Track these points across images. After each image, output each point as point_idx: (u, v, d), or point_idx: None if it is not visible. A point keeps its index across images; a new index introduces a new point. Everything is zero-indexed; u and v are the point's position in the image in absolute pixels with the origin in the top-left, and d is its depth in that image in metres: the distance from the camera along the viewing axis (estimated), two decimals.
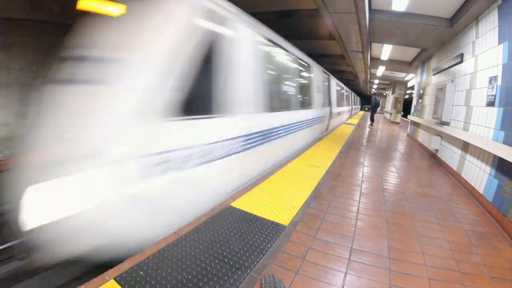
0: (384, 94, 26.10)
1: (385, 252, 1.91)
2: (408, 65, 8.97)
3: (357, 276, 1.64)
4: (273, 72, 3.94)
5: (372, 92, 12.60)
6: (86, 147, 1.65)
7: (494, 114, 3.02)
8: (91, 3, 2.18)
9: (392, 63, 9.57)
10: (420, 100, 7.92)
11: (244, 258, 1.69)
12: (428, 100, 6.79)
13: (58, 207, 1.58)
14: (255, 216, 2.26)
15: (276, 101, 3.89)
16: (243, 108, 2.84)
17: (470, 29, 4.15)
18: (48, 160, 1.68)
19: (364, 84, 17.39)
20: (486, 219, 2.69)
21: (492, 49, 3.25)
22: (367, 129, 10.92)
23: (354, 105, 20.98)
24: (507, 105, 2.77)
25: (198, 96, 2.23)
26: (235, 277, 1.52)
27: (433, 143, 5.30)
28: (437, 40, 5.58)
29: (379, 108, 16.56)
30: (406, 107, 15.10)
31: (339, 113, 10.27)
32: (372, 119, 12.33)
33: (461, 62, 4.43)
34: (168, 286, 1.41)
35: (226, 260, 1.66)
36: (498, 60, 3.04)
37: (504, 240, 2.28)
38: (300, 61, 5.31)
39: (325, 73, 7.63)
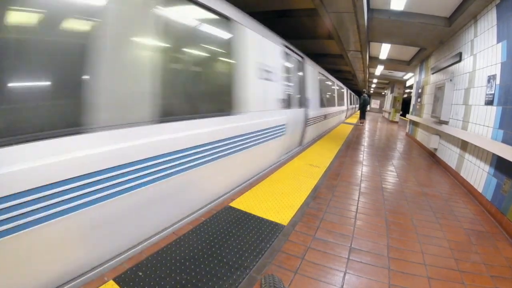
0: (383, 93, 26.16)
1: (384, 252, 1.91)
2: (407, 64, 8.98)
3: (357, 275, 1.63)
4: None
5: (362, 90, 12.88)
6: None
7: (493, 113, 3.02)
8: None
9: (391, 62, 9.58)
10: (418, 99, 7.93)
11: (243, 258, 1.69)
12: (427, 99, 6.80)
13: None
14: (254, 216, 2.25)
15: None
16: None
17: (469, 28, 4.15)
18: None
19: (363, 83, 17.42)
20: (485, 218, 2.69)
21: (490, 47, 3.25)
22: (364, 127, 11.07)
23: (355, 104, 23.76)
24: (506, 104, 2.77)
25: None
26: (234, 277, 1.51)
27: (432, 142, 5.31)
28: (435, 39, 5.58)
29: (369, 105, 19.03)
30: (405, 106, 15.15)
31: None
32: (362, 117, 12.56)
33: (459, 61, 4.43)
34: (167, 287, 1.40)
35: (225, 260, 1.65)
36: (496, 59, 3.05)
37: (504, 238, 2.28)
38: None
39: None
